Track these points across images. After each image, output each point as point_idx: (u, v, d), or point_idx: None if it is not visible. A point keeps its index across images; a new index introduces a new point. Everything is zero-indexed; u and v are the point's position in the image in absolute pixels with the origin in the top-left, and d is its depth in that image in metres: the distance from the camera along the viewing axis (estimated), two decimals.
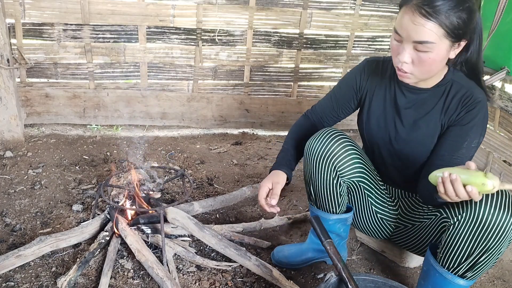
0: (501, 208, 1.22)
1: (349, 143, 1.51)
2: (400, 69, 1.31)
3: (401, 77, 1.35)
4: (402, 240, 1.66)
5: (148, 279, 1.62)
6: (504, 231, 1.22)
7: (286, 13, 3.02)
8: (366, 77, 1.57)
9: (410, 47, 1.26)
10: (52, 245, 1.66)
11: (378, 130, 1.57)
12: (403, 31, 1.24)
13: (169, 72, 3.05)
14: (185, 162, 2.64)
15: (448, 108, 1.40)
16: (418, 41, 1.23)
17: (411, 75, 1.32)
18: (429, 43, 1.23)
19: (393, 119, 1.52)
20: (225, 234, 1.84)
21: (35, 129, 2.93)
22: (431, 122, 1.44)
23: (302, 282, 1.70)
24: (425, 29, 1.21)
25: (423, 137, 1.46)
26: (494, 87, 2.66)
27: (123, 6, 2.79)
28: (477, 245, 1.27)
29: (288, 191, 2.37)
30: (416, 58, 1.27)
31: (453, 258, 1.33)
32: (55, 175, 2.33)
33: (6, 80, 2.55)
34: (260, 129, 3.31)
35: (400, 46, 1.28)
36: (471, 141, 1.37)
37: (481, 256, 1.27)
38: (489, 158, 2.75)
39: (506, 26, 2.29)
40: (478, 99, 1.36)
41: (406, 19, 1.23)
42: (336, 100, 1.65)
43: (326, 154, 1.50)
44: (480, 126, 1.37)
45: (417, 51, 1.25)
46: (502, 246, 1.26)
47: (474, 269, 1.31)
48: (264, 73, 3.19)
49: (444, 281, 1.36)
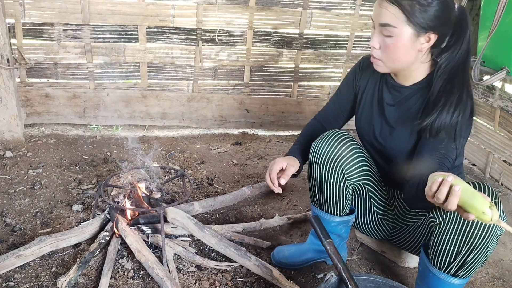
0: None
1: (355, 145, 1.51)
2: (371, 55, 1.38)
3: (375, 66, 1.42)
4: (399, 240, 1.67)
5: (148, 279, 1.62)
6: (489, 228, 1.22)
7: (286, 13, 3.02)
8: (361, 74, 1.61)
9: (378, 31, 1.34)
10: (52, 245, 1.66)
11: (366, 126, 1.58)
12: (373, 15, 1.34)
13: (169, 72, 3.05)
14: (185, 162, 2.64)
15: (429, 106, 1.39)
16: (382, 24, 1.31)
17: (380, 62, 1.38)
18: (391, 26, 1.29)
19: (379, 115, 1.54)
20: (225, 234, 1.84)
21: (35, 129, 2.93)
22: (412, 119, 1.44)
23: (302, 282, 1.70)
24: (388, 12, 1.29)
25: (403, 135, 1.47)
26: (494, 87, 2.66)
27: (123, 6, 2.79)
28: (464, 244, 1.27)
29: (288, 191, 2.37)
30: (382, 43, 1.34)
31: (442, 257, 1.33)
32: (55, 175, 2.33)
33: (6, 80, 2.55)
34: (260, 129, 3.31)
35: (372, 32, 1.37)
36: (450, 142, 1.34)
37: (469, 254, 1.27)
38: (489, 158, 2.75)
39: (506, 26, 2.29)
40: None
41: (376, 4, 1.33)
42: (339, 102, 1.68)
43: (333, 157, 1.49)
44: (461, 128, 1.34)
45: (383, 36, 1.33)
46: (489, 243, 1.25)
47: (464, 268, 1.31)
48: (264, 73, 3.19)
49: (438, 280, 1.36)
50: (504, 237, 2.13)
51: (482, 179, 2.75)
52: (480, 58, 2.44)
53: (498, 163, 2.69)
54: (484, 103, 2.75)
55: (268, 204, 2.25)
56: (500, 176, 2.66)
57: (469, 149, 2.94)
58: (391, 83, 1.50)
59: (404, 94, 1.47)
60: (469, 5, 2.78)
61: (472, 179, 2.75)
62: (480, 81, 2.43)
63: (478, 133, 2.85)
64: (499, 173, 2.67)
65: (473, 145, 2.90)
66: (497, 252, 2.00)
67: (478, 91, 2.80)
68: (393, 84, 1.49)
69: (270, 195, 2.32)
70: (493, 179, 2.73)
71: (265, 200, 2.28)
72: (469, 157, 2.96)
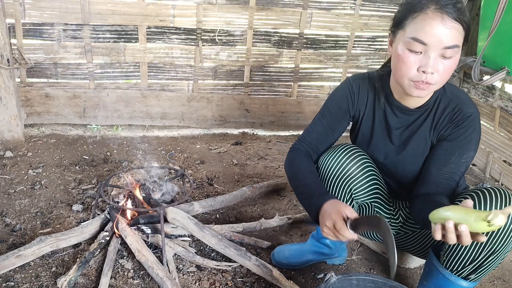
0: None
1: (365, 159, 1.46)
2: (425, 81, 1.19)
3: (418, 91, 1.22)
4: (403, 245, 1.65)
5: (148, 279, 1.62)
6: (509, 234, 1.21)
7: (286, 13, 3.02)
8: (356, 98, 1.47)
9: (437, 55, 1.16)
10: (52, 245, 1.66)
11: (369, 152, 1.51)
12: (431, 38, 1.14)
13: (169, 72, 3.05)
14: (185, 162, 2.64)
15: (437, 125, 1.36)
16: (449, 46, 1.15)
17: (431, 86, 1.21)
18: (457, 47, 1.16)
19: (383, 138, 1.46)
20: (225, 234, 1.84)
21: (35, 129, 2.93)
22: (421, 140, 1.40)
23: (302, 282, 1.70)
24: (456, 32, 1.14)
25: (413, 156, 1.43)
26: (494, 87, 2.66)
27: (123, 6, 2.79)
28: (483, 250, 1.26)
29: (288, 191, 2.37)
30: (442, 67, 1.18)
31: (457, 261, 1.32)
32: (55, 175, 2.33)
33: (6, 80, 2.55)
34: (260, 129, 3.31)
35: (421, 57, 1.18)
36: (460, 156, 1.32)
37: (486, 259, 1.27)
38: (489, 158, 2.75)
39: (506, 26, 2.29)
40: (467, 113, 1.31)
41: (434, 25, 1.14)
42: (329, 125, 1.50)
43: (342, 175, 1.45)
44: (471, 141, 1.32)
45: (443, 58, 1.17)
46: (507, 248, 1.25)
47: (478, 271, 1.30)
48: (264, 73, 3.19)
49: (447, 282, 1.35)
50: None
51: (482, 179, 2.75)
52: (480, 58, 2.44)
53: (498, 163, 2.69)
54: (484, 103, 2.75)
55: (268, 204, 2.25)
56: (500, 176, 2.66)
57: None
58: (398, 106, 1.38)
59: (412, 117, 1.39)
60: (469, 5, 2.78)
61: (471, 179, 2.75)
62: (480, 81, 2.42)
63: None
64: (499, 173, 2.67)
65: None
66: None
67: (478, 91, 2.80)
68: (400, 107, 1.38)
69: (270, 195, 2.32)
70: (493, 179, 2.72)
71: (265, 200, 2.28)
72: None
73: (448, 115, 1.33)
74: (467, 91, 2.90)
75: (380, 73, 1.44)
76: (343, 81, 1.51)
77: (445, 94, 1.35)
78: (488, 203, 1.21)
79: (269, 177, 2.52)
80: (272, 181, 2.35)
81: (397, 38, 1.24)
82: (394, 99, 1.38)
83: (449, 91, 1.35)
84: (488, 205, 1.21)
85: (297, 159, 1.48)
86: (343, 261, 1.81)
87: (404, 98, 1.36)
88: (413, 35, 1.17)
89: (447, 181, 1.32)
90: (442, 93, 1.35)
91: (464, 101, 1.33)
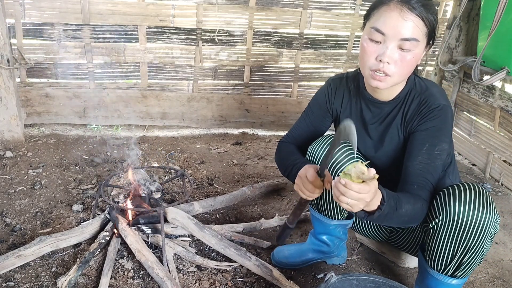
0: (476, 206, 1.23)
1: (351, 150, 1.48)
2: (381, 70, 1.23)
3: (376, 82, 1.26)
4: (397, 243, 1.68)
5: (148, 279, 1.62)
6: (482, 228, 1.23)
7: (286, 13, 3.02)
8: (333, 95, 1.52)
9: (395, 45, 1.21)
10: (52, 245, 1.66)
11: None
12: (389, 28, 1.19)
13: (169, 72, 3.05)
14: (185, 162, 2.64)
15: (406, 119, 1.37)
16: (406, 38, 1.19)
17: (389, 78, 1.24)
18: (415, 40, 1.20)
19: (361, 133, 1.47)
20: (225, 234, 1.84)
21: (35, 129, 2.93)
22: (394, 134, 1.41)
23: (302, 282, 1.70)
24: (414, 25, 1.19)
25: (389, 151, 1.44)
26: (494, 87, 2.66)
27: (123, 6, 2.79)
28: (459, 246, 1.27)
29: (288, 191, 2.37)
30: (399, 58, 1.22)
31: (439, 260, 1.34)
32: (55, 175, 2.33)
33: (6, 80, 2.55)
34: (260, 129, 3.31)
35: (380, 46, 1.22)
36: (432, 147, 1.31)
37: (465, 255, 1.28)
38: (489, 158, 2.75)
39: (506, 26, 2.29)
40: (434, 105, 1.31)
41: (393, 16, 1.19)
42: (312, 123, 1.59)
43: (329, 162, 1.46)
44: (441, 132, 1.32)
45: (401, 50, 1.21)
46: (484, 243, 1.26)
47: (461, 268, 1.32)
48: (264, 73, 3.19)
49: (437, 282, 1.37)
50: (504, 237, 2.13)
51: (482, 179, 2.75)
52: (480, 58, 2.44)
53: (498, 163, 2.69)
54: (484, 103, 2.75)
55: (268, 204, 2.25)
56: (500, 176, 2.66)
57: (469, 149, 2.94)
58: (370, 100, 1.41)
59: (384, 110, 1.41)
60: (469, 5, 2.78)
61: (471, 179, 2.75)
62: (480, 81, 2.42)
63: (478, 133, 2.85)
64: (499, 173, 2.67)
65: (473, 145, 2.90)
66: (497, 252, 2.01)
67: (478, 91, 2.80)
68: (372, 100, 1.41)
69: (270, 195, 2.32)
70: (493, 179, 2.73)
71: (265, 200, 2.28)
72: (469, 157, 2.96)
73: (415, 108, 1.35)
74: (467, 91, 2.90)
75: (357, 70, 1.46)
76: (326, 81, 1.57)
77: (415, 88, 1.37)
78: (457, 197, 1.25)
79: (269, 177, 2.52)
80: (272, 181, 2.35)
81: (364, 30, 1.30)
82: (367, 92, 1.42)
83: (420, 85, 1.37)
84: (456, 198, 1.25)
85: (283, 147, 1.59)
86: (343, 261, 1.82)
87: (375, 90, 1.38)
88: (373, 25, 1.23)
89: (422, 172, 1.30)
90: (413, 87, 1.37)
91: (433, 94, 1.34)
